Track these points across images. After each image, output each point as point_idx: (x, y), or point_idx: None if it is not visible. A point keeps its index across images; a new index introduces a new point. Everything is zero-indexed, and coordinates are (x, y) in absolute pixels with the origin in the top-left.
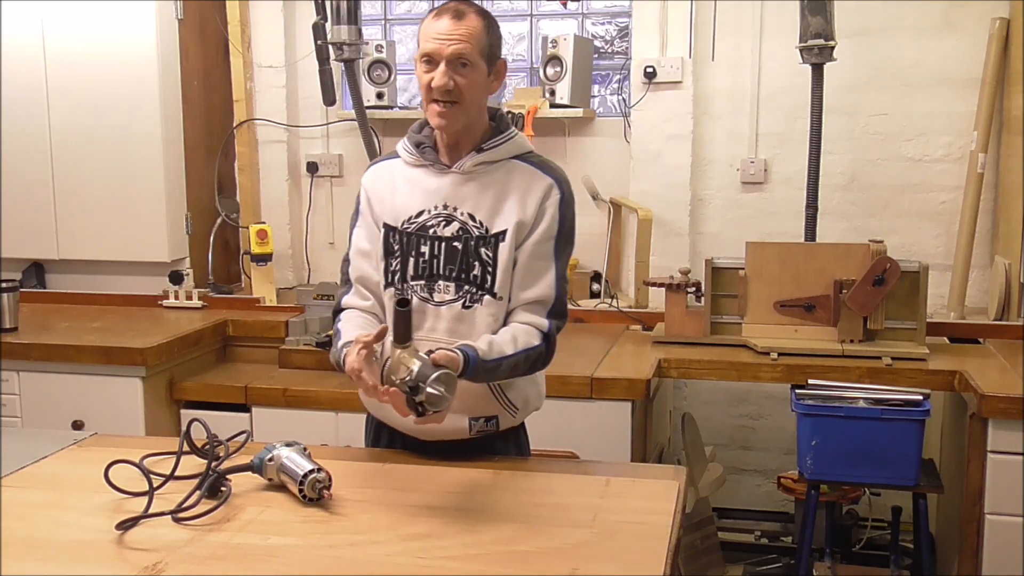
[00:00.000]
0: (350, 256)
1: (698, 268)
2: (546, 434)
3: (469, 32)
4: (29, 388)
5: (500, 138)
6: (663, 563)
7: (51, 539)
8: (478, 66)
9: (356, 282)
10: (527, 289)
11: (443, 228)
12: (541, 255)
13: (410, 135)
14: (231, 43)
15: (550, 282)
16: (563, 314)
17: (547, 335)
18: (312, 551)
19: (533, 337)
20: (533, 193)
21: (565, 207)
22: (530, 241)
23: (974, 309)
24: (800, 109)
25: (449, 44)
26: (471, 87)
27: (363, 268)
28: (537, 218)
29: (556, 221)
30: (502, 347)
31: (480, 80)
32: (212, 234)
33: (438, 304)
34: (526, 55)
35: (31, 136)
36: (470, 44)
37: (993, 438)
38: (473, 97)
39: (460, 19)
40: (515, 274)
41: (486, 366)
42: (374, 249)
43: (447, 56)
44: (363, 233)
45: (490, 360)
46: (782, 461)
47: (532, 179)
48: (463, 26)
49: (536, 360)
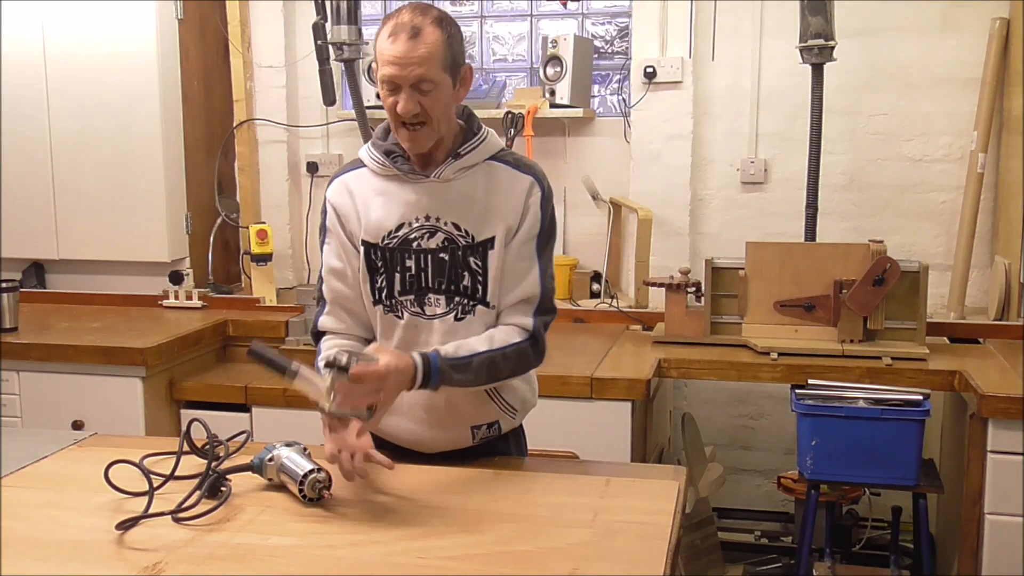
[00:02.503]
0: (323, 275)
1: (698, 268)
2: (546, 434)
3: (429, 51)
4: (29, 388)
5: (475, 140)
6: (663, 563)
7: (51, 539)
8: (442, 83)
9: (332, 301)
10: (512, 290)
11: (427, 240)
12: (524, 255)
13: (375, 143)
14: (231, 43)
15: (534, 280)
16: (550, 310)
17: (533, 333)
18: (312, 551)
19: (513, 335)
20: (515, 195)
21: (546, 204)
22: (514, 243)
23: (974, 309)
24: (800, 109)
25: (409, 68)
26: (436, 106)
27: (337, 288)
28: (521, 219)
29: (538, 220)
30: (473, 346)
31: (446, 96)
32: (212, 234)
33: (430, 318)
34: (526, 55)
35: (31, 136)
36: (430, 65)
37: (993, 438)
38: (440, 114)
39: (417, 37)
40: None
41: (453, 363)
42: (347, 267)
43: (410, 81)
44: (333, 251)
45: (458, 357)
46: (782, 461)
47: (512, 180)
48: (421, 45)
49: (522, 358)
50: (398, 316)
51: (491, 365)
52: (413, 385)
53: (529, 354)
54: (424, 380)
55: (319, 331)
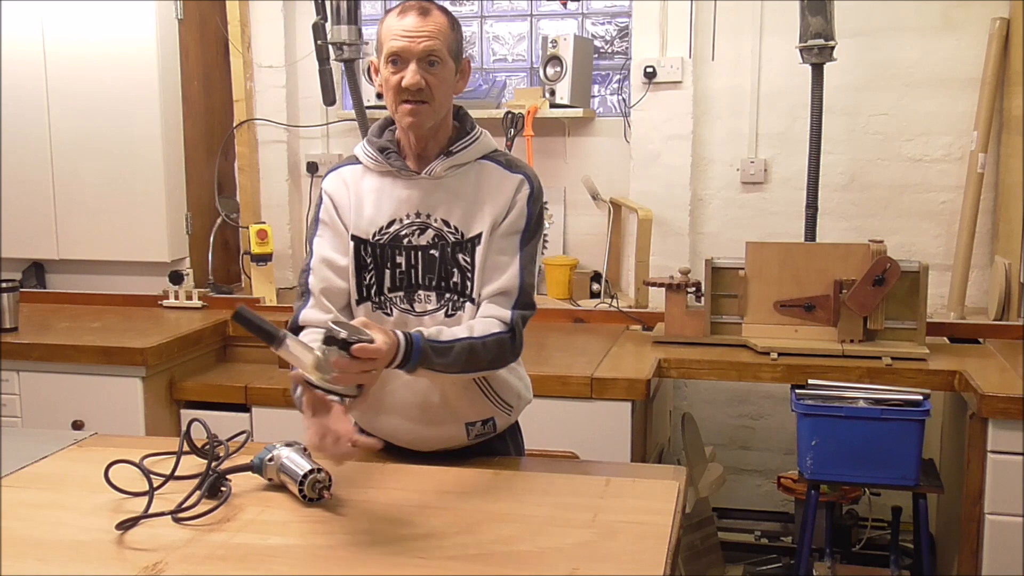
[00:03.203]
0: (311, 265)
1: (698, 268)
2: (546, 434)
3: (437, 28)
4: (29, 388)
5: (467, 139)
6: (663, 563)
7: (51, 539)
8: (447, 63)
9: (320, 294)
10: (492, 282)
11: (418, 237)
12: (506, 249)
13: (371, 140)
14: (231, 43)
15: (514, 273)
16: (528, 305)
17: (511, 325)
18: (312, 551)
19: (493, 326)
20: (504, 192)
21: (533, 202)
22: (497, 234)
23: (974, 309)
24: (800, 109)
25: (419, 41)
26: (441, 85)
27: (328, 278)
28: (507, 212)
29: (524, 216)
30: (455, 332)
31: (449, 78)
32: (212, 234)
33: (419, 314)
34: (526, 55)
35: (31, 136)
36: (439, 40)
37: (993, 438)
38: (443, 96)
39: (426, 15)
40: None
41: (435, 346)
42: (342, 259)
43: (417, 54)
44: (326, 242)
45: (440, 341)
46: (782, 461)
47: (502, 179)
48: (431, 22)
49: (500, 349)
50: (387, 313)
51: (471, 352)
52: (392, 363)
53: (507, 346)
54: (404, 359)
55: (299, 326)
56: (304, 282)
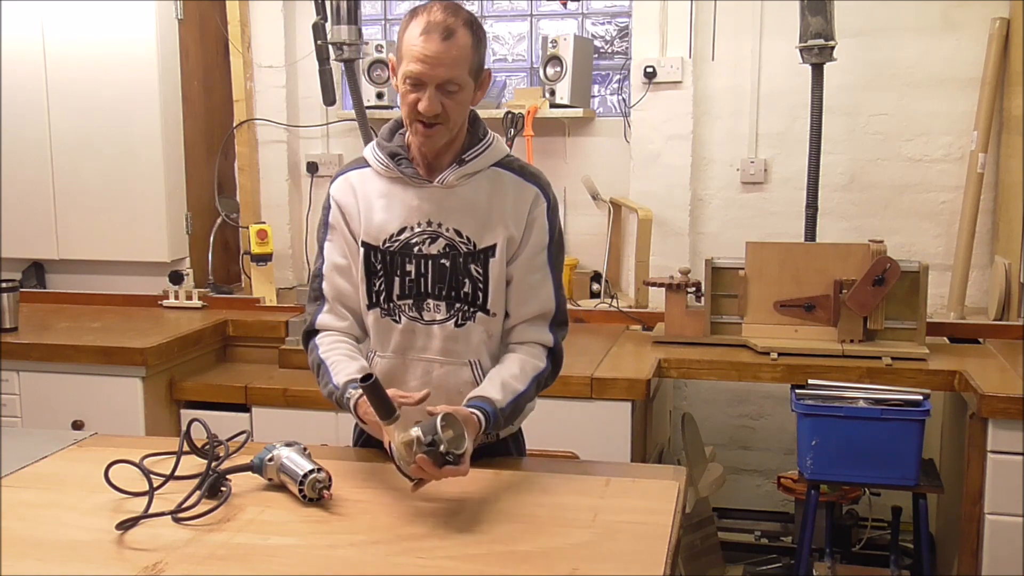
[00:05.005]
0: (323, 271)
1: (698, 268)
2: (546, 434)
3: (460, 54)
4: (29, 388)
5: (480, 146)
6: (663, 563)
7: (51, 539)
8: (467, 87)
9: (334, 300)
10: (526, 304)
11: (428, 246)
12: (536, 268)
13: (381, 144)
14: (231, 43)
15: (549, 294)
16: (565, 322)
17: (552, 350)
18: (312, 551)
19: (539, 359)
20: (520, 205)
21: (552, 215)
22: (523, 256)
23: (974, 309)
24: (800, 109)
25: (439, 69)
26: (458, 107)
27: (340, 285)
28: (527, 230)
29: (546, 231)
30: (514, 385)
31: (467, 99)
32: (212, 234)
33: (428, 323)
34: (526, 55)
35: (31, 136)
36: (460, 68)
37: (993, 438)
38: (459, 116)
39: (450, 39)
40: (512, 290)
41: (506, 414)
42: (351, 264)
43: (437, 80)
44: (336, 248)
45: (507, 406)
46: (782, 461)
47: (517, 190)
48: (454, 47)
49: (545, 381)
50: (395, 320)
51: (529, 401)
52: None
53: (550, 375)
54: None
55: (315, 329)
56: (317, 287)
